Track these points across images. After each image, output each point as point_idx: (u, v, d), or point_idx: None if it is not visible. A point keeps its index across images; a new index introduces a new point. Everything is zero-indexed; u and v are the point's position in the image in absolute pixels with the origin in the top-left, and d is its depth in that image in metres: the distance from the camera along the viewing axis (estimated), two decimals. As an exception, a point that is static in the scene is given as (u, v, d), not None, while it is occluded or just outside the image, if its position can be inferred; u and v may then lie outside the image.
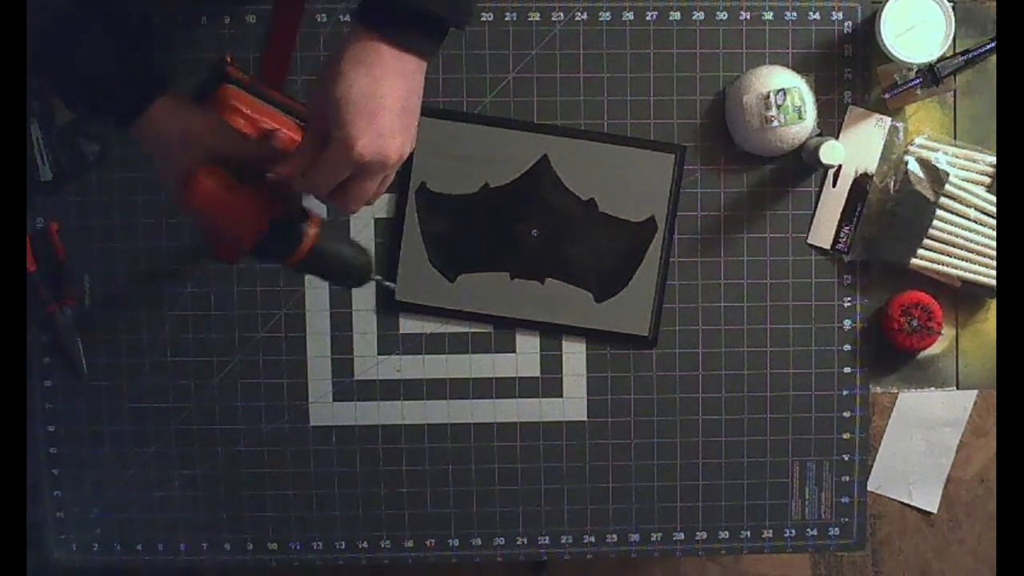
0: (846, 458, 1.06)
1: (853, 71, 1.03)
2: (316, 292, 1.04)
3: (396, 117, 0.76)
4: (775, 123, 0.99)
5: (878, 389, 1.07)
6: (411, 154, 1.00)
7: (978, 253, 1.03)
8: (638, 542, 1.07)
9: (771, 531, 1.07)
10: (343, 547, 1.06)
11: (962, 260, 1.03)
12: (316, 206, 0.83)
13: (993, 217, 1.02)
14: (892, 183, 1.04)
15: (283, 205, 0.77)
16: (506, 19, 1.02)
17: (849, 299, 1.05)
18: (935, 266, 1.03)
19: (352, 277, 0.81)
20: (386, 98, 0.75)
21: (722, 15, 1.03)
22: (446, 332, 1.05)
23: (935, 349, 1.06)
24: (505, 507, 1.06)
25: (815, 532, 1.07)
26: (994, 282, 1.02)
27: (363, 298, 1.04)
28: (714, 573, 1.76)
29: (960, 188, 1.02)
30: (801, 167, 1.04)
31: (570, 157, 1.03)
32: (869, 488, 1.24)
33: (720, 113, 1.03)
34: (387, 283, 0.88)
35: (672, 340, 1.05)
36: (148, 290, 1.03)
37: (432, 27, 0.75)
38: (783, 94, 0.99)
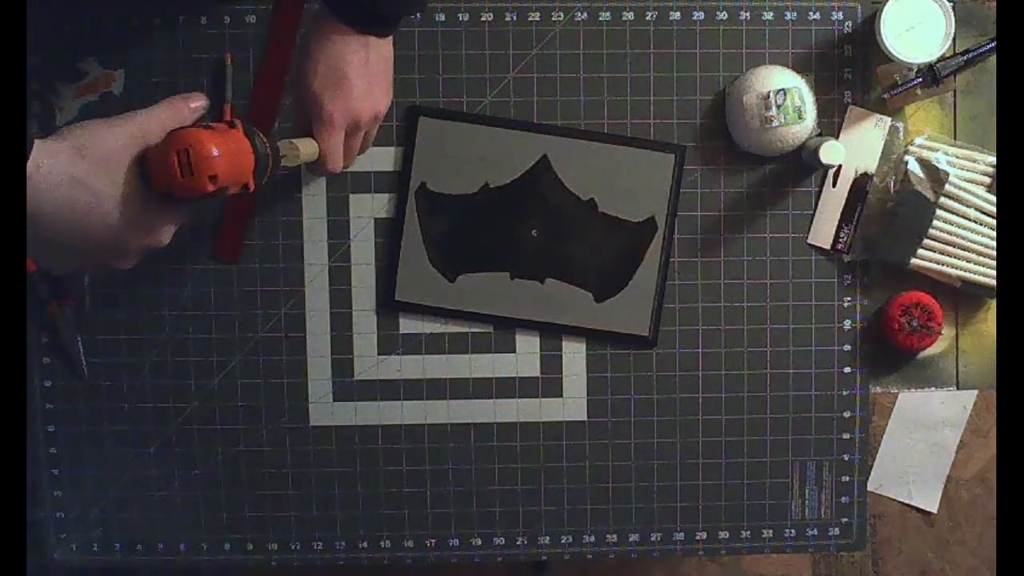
0: (846, 458, 1.06)
1: (853, 71, 1.03)
2: (316, 292, 1.04)
3: (362, 82, 0.84)
4: (775, 123, 0.99)
5: (878, 389, 1.07)
6: (411, 154, 1.02)
7: (978, 253, 1.03)
8: (638, 542, 1.07)
9: (771, 531, 1.07)
10: (343, 547, 1.06)
11: (962, 260, 1.03)
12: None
13: (993, 217, 1.02)
14: (892, 183, 1.04)
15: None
16: (506, 19, 1.02)
17: (849, 299, 1.05)
18: (935, 266, 1.03)
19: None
20: (349, 67, 0.82)
21: (722, 15, 1.03)
22: (446, 332, 1.05)
23: (935, 349, 1.06)
24: (505, 507, 1.06)
25: (815, 532, 1.07)
26: (994, 282, 1.02)
27: (363, 298, 1.04)
28: (714, 573, 1.76)
29: (960, 188, 1.02)
30: (801, 167, 1.04)
31: (570, 157, 1.03)
32: (869, 488, 1.24)
33: (720, 113, 1.03)
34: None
35: (672, 340, 1.05)
36: (148, 290, 1.03)
37: (395, 19, 0.85)
38: (783, 94, 0.99)
